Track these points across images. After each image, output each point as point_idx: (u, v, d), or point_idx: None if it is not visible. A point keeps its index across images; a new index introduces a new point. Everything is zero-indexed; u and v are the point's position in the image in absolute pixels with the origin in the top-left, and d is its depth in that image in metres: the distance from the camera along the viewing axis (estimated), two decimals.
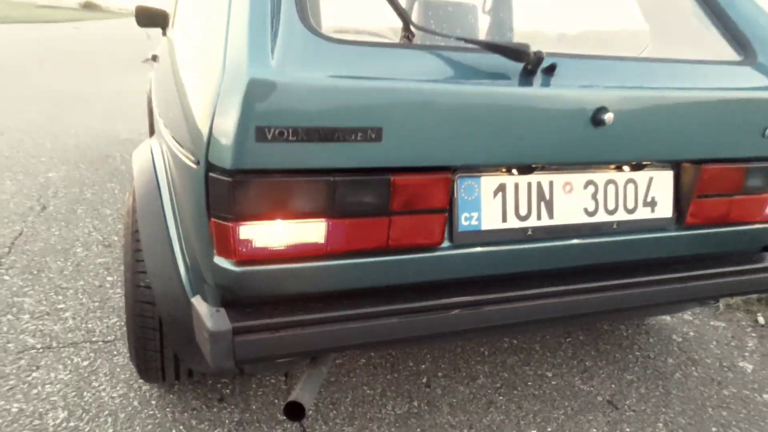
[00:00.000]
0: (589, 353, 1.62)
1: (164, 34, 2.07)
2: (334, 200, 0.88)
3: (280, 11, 0.88)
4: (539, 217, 1.06)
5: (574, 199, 1.08)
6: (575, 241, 1.09)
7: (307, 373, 1.02)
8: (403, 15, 0.97)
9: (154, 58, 2.41)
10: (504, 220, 1.03)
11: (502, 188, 1.02)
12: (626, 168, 1.10)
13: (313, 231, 0.89)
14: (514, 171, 1.02)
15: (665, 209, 1.16)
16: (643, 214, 1.14)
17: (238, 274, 0.89)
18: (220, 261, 0.89)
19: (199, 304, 0.94)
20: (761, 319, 1.83)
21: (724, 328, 1.78)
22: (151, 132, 3.17)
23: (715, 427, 1.33)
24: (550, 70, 0.97)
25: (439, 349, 1.58)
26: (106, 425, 1.23)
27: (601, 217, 1.10)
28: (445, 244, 1.00)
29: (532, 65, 0.95)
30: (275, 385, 1.40)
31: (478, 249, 1.02)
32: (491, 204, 1.02)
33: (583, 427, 1.32)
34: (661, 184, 1.14)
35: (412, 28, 0.99)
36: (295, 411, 0.96)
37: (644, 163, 1.11)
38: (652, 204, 1.14)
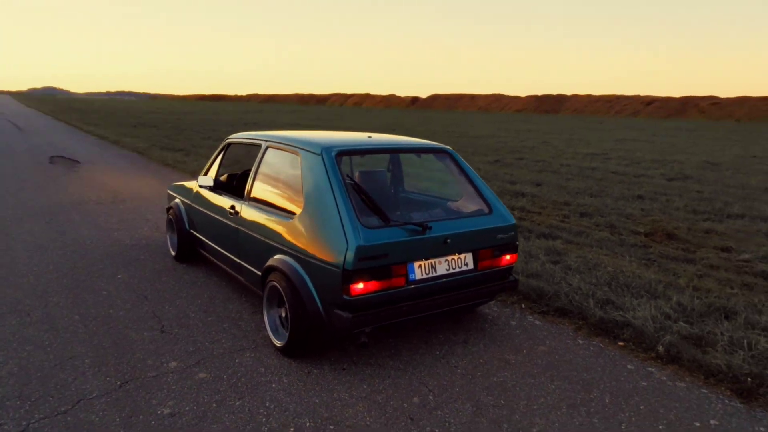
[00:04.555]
0: (462, 327, 3.83)
1: (225, 190, 4.17)
2: (374, 275, 2.99)
3: (354, 218, 3.01)
4: (431, 273, 3.25)
5: (443, 266, 3.29)
6: (444, 280, 3.30)
7: (363, 334, 3.11)
8: (383, 212, 3.15)
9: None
10: (422, 275, 3.21)
11: (420, 265, 3.20)
12: (457, 253, 3.36)
13: (371, 284, 2.99)
14: (423, 259, 3.22)
15: (471, 265, 3.42)
16: (464, 268, 3.39)
17: (352, 300, 2.95)
18: (345, 296, 2.94)
19: (338, 311, 2.97)
20: (523, 306, 4.23)
21: (509, 313, 4.13)
22: (181, 251, 4.98)
23: (491, 339, 3.61)
24: (431, 228, 3.21)
25: (404, 332, 3.68)
26: (277, 370, 3.12)
27: (451, 271, 3.32)
28: (406, 284, 3.14)
29: (424, 228, 3.18)
30: (342, 349, 3.38)
31: (415, 285, 3.18)
32: (419, 270, 3.19)
33: (455, 350, 3.48)
34: (469, 258, 3.41)
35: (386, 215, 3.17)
36: (362, 345, 3.06)
37: (463, 252, 3.38)
38: (466, 264, 3.40)
